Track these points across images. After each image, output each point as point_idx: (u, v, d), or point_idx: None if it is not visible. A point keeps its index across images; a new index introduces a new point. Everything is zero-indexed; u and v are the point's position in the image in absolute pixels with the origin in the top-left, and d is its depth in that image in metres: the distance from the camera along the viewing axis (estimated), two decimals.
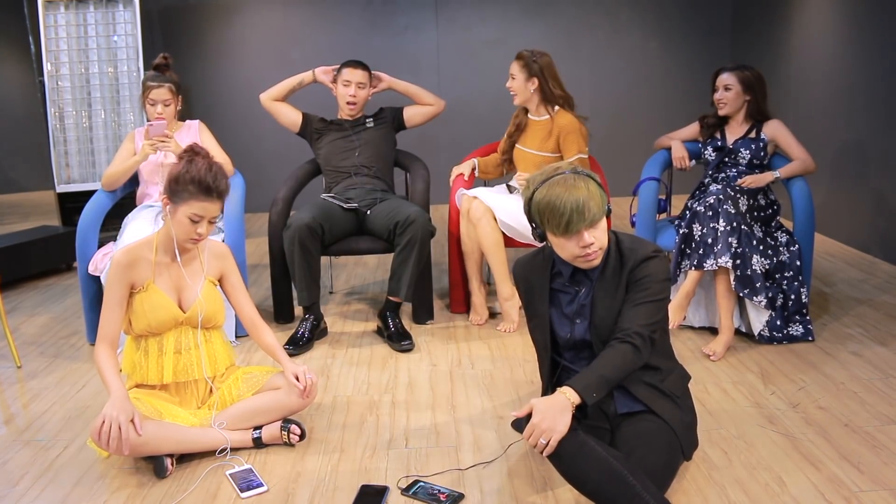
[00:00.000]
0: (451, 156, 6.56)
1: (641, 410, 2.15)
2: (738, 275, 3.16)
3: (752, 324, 3.27)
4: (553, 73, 3.58)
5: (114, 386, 2.27)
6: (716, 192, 3.30)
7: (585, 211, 2.02)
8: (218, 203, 2.36)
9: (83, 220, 3.44)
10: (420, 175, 3.79)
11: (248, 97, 6.62)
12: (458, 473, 2.30)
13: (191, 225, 2.33)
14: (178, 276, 2.44)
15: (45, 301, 4.28)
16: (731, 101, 3.51)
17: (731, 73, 3.50)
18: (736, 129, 3.56)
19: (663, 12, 6.66)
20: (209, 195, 2.32)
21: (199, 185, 2.30)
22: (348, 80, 3.72)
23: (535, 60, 3.55)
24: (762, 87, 3.51)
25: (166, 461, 2.31)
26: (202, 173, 2.30)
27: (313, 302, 3.44)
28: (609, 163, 4.97)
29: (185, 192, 2.31)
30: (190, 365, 2.46)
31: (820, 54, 5.19)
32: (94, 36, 5.28)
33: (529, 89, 3.58)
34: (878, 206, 4.61)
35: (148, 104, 3.51)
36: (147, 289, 2.38)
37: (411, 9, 6.62)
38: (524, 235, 3.51)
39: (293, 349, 3.32)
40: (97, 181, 5.23)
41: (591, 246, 2.07)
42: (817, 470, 2.26)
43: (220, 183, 2.33)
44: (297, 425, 2.49)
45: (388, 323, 3.45)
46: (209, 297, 2.47)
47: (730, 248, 3.14)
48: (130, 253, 2.37)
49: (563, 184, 2.04)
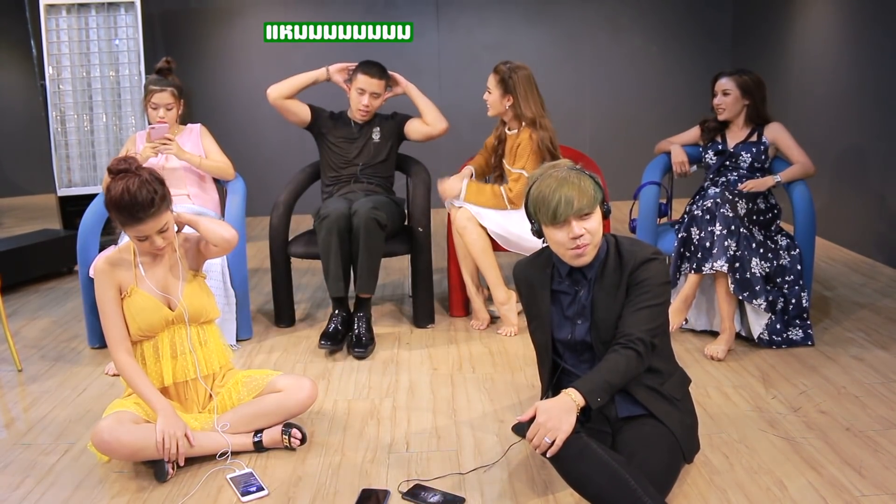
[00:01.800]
0: (453, 160, 6.54)
1: (642, 414, 2.15)
2: (736, 278, 3.15)
3: (751, 327, 3.27)
4: (529, 90, 3.49)
5: (157, 401, 2.31)
6: (713, 195, 3.30)
7: (574, 199, 2.04)
8: (150, 220, 2.23)
9: (84, 223, 3.44)
10: (421, 179, 3.79)
11: (249, 101, 6.64)
12: (459, 477, 2.30)
13: (144, 243, 2.31)
14: (162, 275, 2.42)
15: (46, 304, 4.28)
16: (730, 106, 3.51)
17: (729, 78, 3.50)
18: (737, 133, 3.56)
19: (664, 16, 6.67)
20: (135, 218, 2.22)
21: (120, 212, 2.22)
22: (363, 88, 3.64)
23: (511, 77, 3.47)
24: (761, 92, 3.50)
25: (167, 465, 2.30)
26: (118, 197, 2.20)
27: (345, 295, 3.42)
28: (609, 166, 4.97)
29: (117, 219, 2.27)
30: (186, 365, 2.45)
31: (820, 58, 5.19)
32: (95, 40, 5.29)
33: (504, 105, 3.53)
34: (879, 209, 4.60)
35: (150, 108, 3.50)
36: (132, 293, 2.37)
37: (412, 13, 6.62)
38: (514, 244, 3.50)
39: (332, 345, 3.33)
40: (98, 185, 5.24)
41: (582, 238, 2.07)
42: (818, 474, 2.25)
43: (143, 199, 2.18)
44: (298, 429, 2.49)
45: (358, 326, 3.42)
46: (193, 292, 2.45)
47: (726, 251, 3.14)
48: (110, 258, 2.38)
49: (555, 177, 2.09)
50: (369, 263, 3.36)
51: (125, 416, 2.28)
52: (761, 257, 3.23)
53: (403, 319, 3.83)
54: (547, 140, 3.45)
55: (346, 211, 3.33)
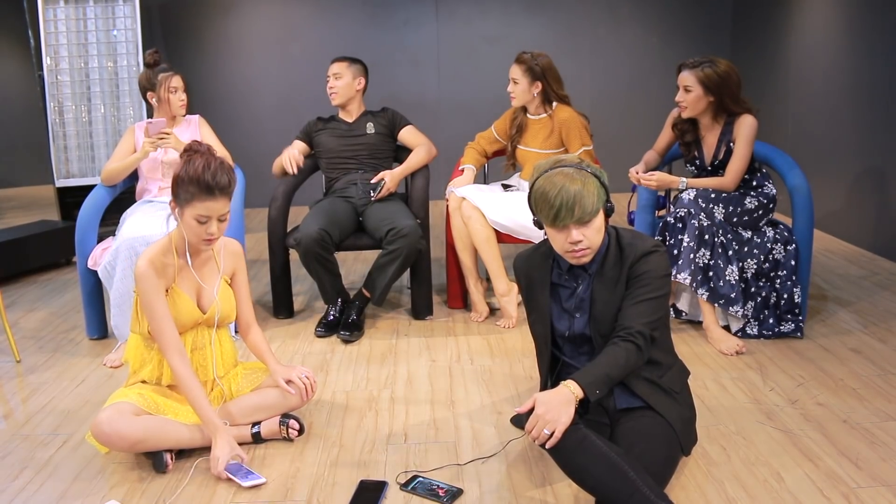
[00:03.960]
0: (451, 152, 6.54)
1: (641, 406, 2.15)
2: (710, 287, 3.16)
3: (730, 325, 3.29)
4: (555, 74, 3.57)
5: (215, 424, 2.30)
6: (687, 203, 3.22)
7: (576, 207, 2.01)
8: (222, 200, 2.28)
9: (82, 214, 3.44)
10: (420, 172, 3.78)
11: (247, 92, 6.63)
12: (457, 469, 2.31)
13: (199, 226, 2.28)
14: (200, 276, 2.42)
15: (44, 296, 4.28)
16: (693, 104, 3.23)
17: (690, 72, 3.19)
18: (710, 139, 3.33)
19: (664, 7, 6.65)
20: (210, 193, 2.24)
21: (199, 185, 2.23)
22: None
23: (538, 63, 3.52)
24: (728, 85, 3.17)
25: (166, 456, 2.31)
26: (199, 171, 2.23)
27: (344, 297, 3.58)
28: (609, 158, 4.96)
29: (186, 194, 2.25)
30: (202, 366, 2.46)
31: (821, 49, 5.18)
32: (93, 31, 5.28)
33: (533, 93, 3.56)
34: (878, 202, 4.60)
35: (170, 93, 3.51)
36: (171, 293, 2.36)
37: (411, 3, 6.61)
38: (518, 232, 3.50)
39: (325, 332, 3.46)
40: (96, 176, 5.23)
41: (579, 244, 2.06)
42: (815, 466, 2.26)
43: (221, 179, 2.25)
44: (296, 420, 2.49)
45: (350, 312, 3.49)
46: (225, 297, 2.47)
47: (691, 264, 3.14)
48: (154, 262, 2.31)
49: (560, 175, 2.05)
50: (392, 279, 3.45)
51: (125, 407, 2.28)
52: (749, 256, 3.21)
53: (402, 311, 3.83)
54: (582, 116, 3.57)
55: (316, 235, 3.34)
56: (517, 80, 3.56)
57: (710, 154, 3.35)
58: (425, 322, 3.67)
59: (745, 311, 3.21)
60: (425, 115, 6.76)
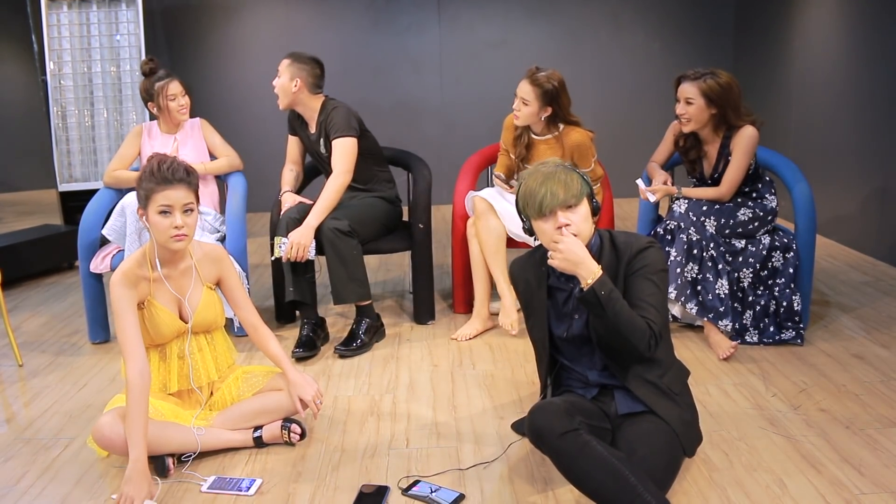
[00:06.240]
0: (453, 156, 6.57)
1: (642, 411, 2.15)
2: (699, 301, 3.17)
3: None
4: (568, 97, 3.35)
5: (135, 452, 2.15)
6: (678, 217, 3.22)
7: (559, 191, 2.06)
8: (181, 188, 2.25)
9: (85, 218, 3.44)
10: (422, 175, 3.78)
11: (249, 97, 6.64)
12: (459, 473, 2.30)
13: (164, 220, 2.25)
14: (177, 287, 2.39)
15: (46, 300, 4.28)
16: (695, 116, 3.20)
17: (692, 84, 3.16)
18: (710, 151, 3.32)
19: (666, 12, 6.66)
20: (167, 182, 2.23)
21: (154, 177, 2.24)
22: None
23: (553, 85, 3.27)
24: (731, 97, 3.15)
25: (167, 461, 2.31)
26: (154, 167, 2.25)
27: (300, 300, 3.36)
28: (612, 163, 4.96)
29: (145, 191, 2.26)
30: (195, 370, 2.45)
31: (823, 54, 5.19)
32: (96, 35, 5.30)
33: (540, 117, 3.34)
34: (881, 208, 4.60)
35: (169, 101, 3.51)
36: (147, 306, 2.35)
37: (414, 8, 6.62)
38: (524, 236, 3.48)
39: (303, 351, 3.25)
40: (99, 180, 5.24)
41: (567, 228, 2.08)
42: (818, 472, 2.25)
43: (177, 168, 2.25)
44: (297, 425, 2.49)
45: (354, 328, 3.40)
46: (208, 305, 2.44)
47: (678, 278, 3.14)
48: (127, 275, 2.29)
49: (543, 172, 2.12)
50: (345, 272, 3.29)
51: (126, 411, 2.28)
52: (741, 267, 3.20)
53: (404, 316, 3.84)
54: None
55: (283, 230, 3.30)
56: (528, 101, 3.30)
57: (711, 166, 3.35)
58: (427, 327, 3.67)
59: (734, 325, 3.20)
60: (428, 120, 6.79)
